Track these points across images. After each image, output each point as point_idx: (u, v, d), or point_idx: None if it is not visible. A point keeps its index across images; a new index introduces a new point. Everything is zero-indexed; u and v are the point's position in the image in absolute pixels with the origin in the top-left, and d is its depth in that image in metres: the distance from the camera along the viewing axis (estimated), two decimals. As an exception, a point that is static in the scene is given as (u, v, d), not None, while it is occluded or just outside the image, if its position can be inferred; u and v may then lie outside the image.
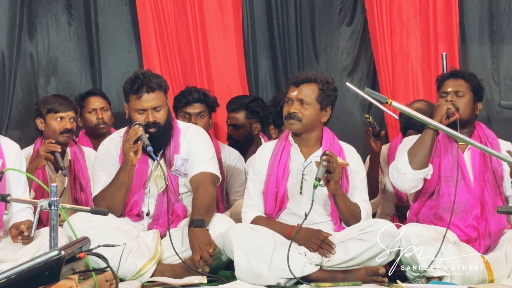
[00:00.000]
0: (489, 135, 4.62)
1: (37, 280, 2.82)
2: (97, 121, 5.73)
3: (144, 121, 4.62)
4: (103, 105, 5.80)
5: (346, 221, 4.53)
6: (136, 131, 4.54)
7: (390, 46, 6.27)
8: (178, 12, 6.29)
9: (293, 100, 4.55)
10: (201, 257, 4.36)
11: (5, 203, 4.31)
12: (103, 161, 4.77)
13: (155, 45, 6.25)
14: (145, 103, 4.63)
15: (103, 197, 4.66)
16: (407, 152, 4.48)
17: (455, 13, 6.19)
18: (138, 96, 4.63)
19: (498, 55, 6.29)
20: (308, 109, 4.54)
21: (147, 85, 4.62)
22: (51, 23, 6.31)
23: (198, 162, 4.71)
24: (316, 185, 4.25)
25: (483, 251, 4.46)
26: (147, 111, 4.63)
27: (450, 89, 4.59)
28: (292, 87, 4.58)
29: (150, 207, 4.73)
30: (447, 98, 4.55)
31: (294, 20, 6.42)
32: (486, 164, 4.56)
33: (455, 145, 4.53)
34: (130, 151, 4.55)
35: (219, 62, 6.35)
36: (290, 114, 4.54)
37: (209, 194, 4.64)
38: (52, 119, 5.17)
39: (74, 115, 5.22)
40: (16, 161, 4.65)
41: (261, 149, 4.77)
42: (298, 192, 4.55)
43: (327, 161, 4.33)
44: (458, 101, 4.55)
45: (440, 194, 4.54)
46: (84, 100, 5.80)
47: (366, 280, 4.32)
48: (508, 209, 4.22)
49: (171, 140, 4.75)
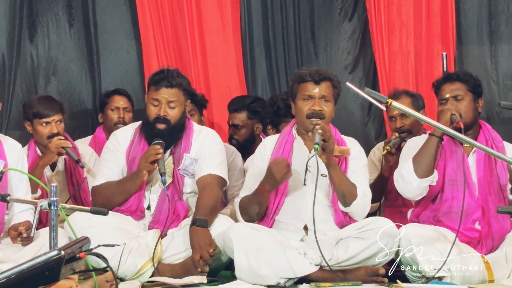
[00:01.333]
0: (495, 138, 4.58)
1: (37, 280, 2.83)
2: (117, 119, 5.77)
3: (155, 114, 4.67)
4: (126, 105, 5.84)
5: (342, 198, 4.47)
6: (157, 152, 4.57)
7: (390, 46, 6.27)
8: (177, 12, 6.29)
9: (314, 97, 4.53)
10: (201, 257, 4.36)
11: (6, 203, 4.31)
12: (110, 152, 4.82)
13: (153, 45, 6.25)
14: (161, 95, 4.69)
15: (101, 194, 4.70)
16: (412, 160, 4.46)
17: (454, 13, 6.20)
18: (157, 88, 4.70)
19: (497, 55, 6.28)
20: (329, 106, 4.56)
21: (168, 80, 4.70)
22: (51, 23, 6.31)
23: (208, 164, 4.73)
24: (316, 148, 4.28)
25: (485, 253, 4.44)
26: (161, 104, 4.68)
27: (448, 95, 4.54)
28: (311, 84, 4.55)
29: (152, 202, 4.73)
30: (447, 106, 4.49)
31: (293, 20, 6.42)
32: (491, 168, 4.53)
33: (460, 148, 4.51)
34: (145, 168, 4.59)
35: (218, 62, 6.35)
36: (316, 112, 4.52)
37: (215, 196, 4.65)
38: (38, 125, 5.13)
39: (61, 117, 5.17)
40: (18, 161, 4.64)
41: (263, 144, 4.77)
42: (301, 183, 4.54)
43: (321, 129, 4.34)
44: (459, 106, 4.50)
45: (443, 198, 4.52)
46: (109, 98, 5.85)
47: (366, 280, 4.32)
48: (508, 209, 4.22)
49: (183, 139, 4.77)
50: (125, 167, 4.77)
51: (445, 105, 4.52)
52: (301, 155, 4.60)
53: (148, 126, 4.75)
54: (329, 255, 4.35)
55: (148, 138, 4.75)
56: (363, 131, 6.38)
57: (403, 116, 5.13)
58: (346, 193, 4.46)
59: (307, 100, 4.54)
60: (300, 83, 4.58)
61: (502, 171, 4.53)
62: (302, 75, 4.59)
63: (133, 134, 4.82)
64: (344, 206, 4.51)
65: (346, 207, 4.50)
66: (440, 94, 4.59)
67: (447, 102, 4.53)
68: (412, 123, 5.14)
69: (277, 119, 5.41)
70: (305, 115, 4.53)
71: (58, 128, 5.12)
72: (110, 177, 4.74)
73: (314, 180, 4.38)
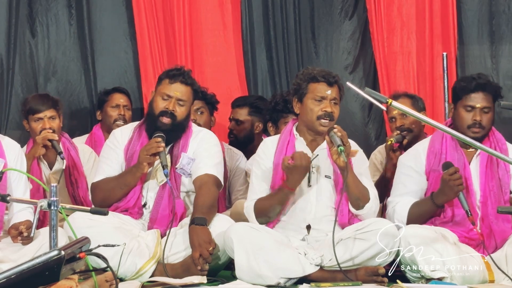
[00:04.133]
0: (499, 140, 4.56)
1: (37, 280, 2.83)
2: (117, 116, 5.78)
3: (163, 108, 4.68)
4: (126, 103, 5.86)
5: (355, 202, 4.45)
6: (158, 146, 4.57)
7: (390, 46, 6.28)
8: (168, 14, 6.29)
9: (327, 99, 4.52)
10: (201, 255, 4.36)
11: (5, 203, 4.31)
12: (110, 149, 4.82)
13: (148, 46, 6.23)
14: (174, 91, 4.70)
15: (101, 188, 4.70)
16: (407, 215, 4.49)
17: (455, 13, 6.20)
18: (171, 82, 4.71)
19: (498, 55, 6.29)
20: (338, 109, 4.56)
21: (183, 77, 4.72)
22: (51, 23, 6.30)
23: (205, 164, 4.73)
24: (342, 149, 4.25)
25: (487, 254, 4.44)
26: (172, 99, 4.68)
27: (479, 105, 4.47)
28: (323, 85, 4.51)
29: (149, 200, 4.73)
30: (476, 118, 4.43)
31: (293, 20, 6.42)
32: (493, 172, 4.51)
33: (462, 154, 4.50)
34: (145, 160, 4.58)
35: (219, 62, 6.35)
36: (328, 113, 4.49)
37: (212, 194, 4.65)
38: (32, 121, 5.19)
39: (55, 113, 5.20)
40: (17, 160, 4.65)
41: (264, 144, 4.73)
42: (305, 185, 4.53)
43: (340, 132, 4.34)
44: (484, 118, 4.47)
45: (445, 207, 4.51)
46: (109, 95, 5.86)
47: (366, 280, 4.32)
48: (508, 209, 4.21)
49: (181, 139, 4.77)
50: (124, 162, 4.77)
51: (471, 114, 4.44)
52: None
53: (151, 119, 4.75)
54: (330, 255, 4.35)
55: (149, 131, 4.74)
56: (363, 131, 6.38)
57: (403, 116, 5.13)
58: (360, 196, 4.45)
59: (319, 101, 4.51)
60: (311, 82, 4.53)
61: (504, 174, 4.51)
62: (314, 75, 4.53)
63: (132, 132, 4.83)
64: (356, 209, 4.49)
65: (359, 210, 4.48)
66: (468, 99, 4.49)
67: (475, 113, 4.45)
68: (412, 123, 5.14)
69: (275, 115, 5.41)
70: (316, 116, 4.50)
71: (51, 124, 5.14)
72: (110, 173, 4.75)
73: (318, 181, 4.42)
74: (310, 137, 4.58)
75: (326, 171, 4.51)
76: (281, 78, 6.40)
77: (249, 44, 6.41)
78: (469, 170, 4.50)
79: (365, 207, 4.46)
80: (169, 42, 6.29)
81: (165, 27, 6.29)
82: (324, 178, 4.53)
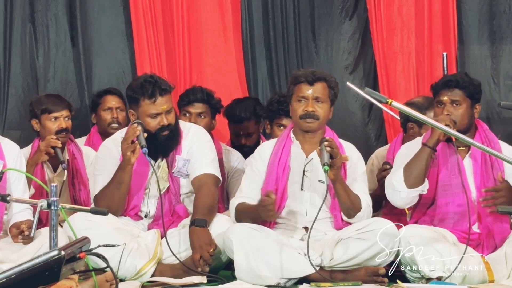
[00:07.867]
0: (491, 140, 4.55)
1: (37, 280, 2.83)
2: (111, 119, 5.76)
3: (159, 125, 4.61)
4: (119, 105, 5.82)
5: (346, 211, 4.49)
6: (134, 131, 4.52)
7: (390, 46, 6.28)
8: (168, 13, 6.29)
9: (308, 98, 4.53)
10: (201, 257, 4.36)
11: (5, 203, 4.31)
12: (103, 161, 4.77)
13: (146, 46, 6.24)
14: (160, 106, 4.60)
15: (102, 196, 4.66)
16: (403, 169, 4.44)
17: (455, 13, 6.20)
18: (152, 101, 4.59)
19: (498, 55, 6.29)
20: (323, 107, 4.54)
21: (160, 88, 4.60)
22: (51, 23, 6.31)
23: (201, 163, 4.71)
24: (326, 169, 4.25)
25: (487, 253, 4.44)
26: (161, 115, 4.61)
27: (446, 98, 4.51)
28: (305, 85, 4.54)
29: (150, 208, 4.73)
30: (444, 111, 4.46)
31: (293, 20, 6.42)
32: (487, 171, 4.51)
33: (454, 153, 4.50)
34: (127, 150, 4.53)
35: (219, 62, 6.35)
36: (309, 113, 4.52)
37: (212, 195, 4.64)
38: (47, 120, 5.16)
39: (69, 114, 5.20)
40: (16, 161, 4.65)
41: (261, 148, 4.76)
42: (299, 188, 4.54)
43: (329, 146, 4.33)
44: (455, 112, 4.47)
45: (438, 204, 4.51)
46: (101, 98, 5.83)
47: (366, 280, 4.32)
48: (508, 209, 4.21)
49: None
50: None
51: (441, 109, 4.49)
52: (299, 159, 4.60)
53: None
54: (329, 255, 4.35)
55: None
56: (363, 131, 6.37)
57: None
58: (351, 206, 4.47)
59: (301, 101, 4.54)
60: (295, 84, 4.58)
61: (498, 173, 4.51)
62: (297, 76, 4.60)
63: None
64: (347, 218, 4.52)
65: (350, 219, 4.51)
66: (438, 97, 4.55)
67: (443, 108, 4.49)
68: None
69: (270, 114, 5.40)
70: (299, 116, 4.54)
71: (66, 124, 5.15)
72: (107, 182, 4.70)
73: (311, 185, 4.44)
74: (305, 140, 4.60)
75: (320, 175, 4.51)
76: (281, 78, 6.40)
77: (249, 45, 6.42)
78: (463, 166, 4.50)
79: (356, 216, 4.49)
80: (168, 42, 6.30)
81: (164, 27, 6.30)
82: (317, 182, 4.53)
